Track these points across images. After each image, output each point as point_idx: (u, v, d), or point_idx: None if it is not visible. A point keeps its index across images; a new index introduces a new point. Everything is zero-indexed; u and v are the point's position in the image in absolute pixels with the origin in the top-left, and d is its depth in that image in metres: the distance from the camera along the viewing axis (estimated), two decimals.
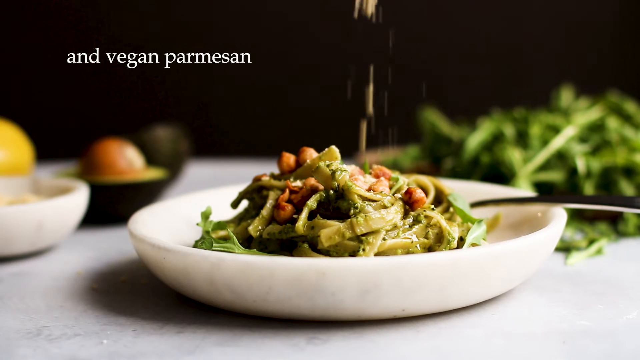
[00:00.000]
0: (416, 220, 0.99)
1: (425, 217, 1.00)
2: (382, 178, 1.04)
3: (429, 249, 0.99)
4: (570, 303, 1.00)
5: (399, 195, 1.01)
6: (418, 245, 0.98)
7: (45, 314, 1.01)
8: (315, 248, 0.98)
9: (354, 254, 0.96)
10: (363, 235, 0.96)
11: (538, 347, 0.88)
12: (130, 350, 0.89)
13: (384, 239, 0.97)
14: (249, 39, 2.78)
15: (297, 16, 2.78)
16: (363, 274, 0.89)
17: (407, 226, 0.99)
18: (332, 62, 2.72)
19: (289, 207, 1.01)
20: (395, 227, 0.98)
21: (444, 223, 0.99)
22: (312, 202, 0.99)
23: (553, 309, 0.99)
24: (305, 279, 0.89)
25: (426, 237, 0.99)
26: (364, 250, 0.95)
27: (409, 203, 1.00)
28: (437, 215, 1.00)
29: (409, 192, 1.00)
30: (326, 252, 0.97)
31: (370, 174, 1.07)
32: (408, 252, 0.97)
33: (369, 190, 1.00)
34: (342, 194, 0.99)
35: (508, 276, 0.96)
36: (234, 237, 0.99)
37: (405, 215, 1.00)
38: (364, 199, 0.98)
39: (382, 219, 0.97)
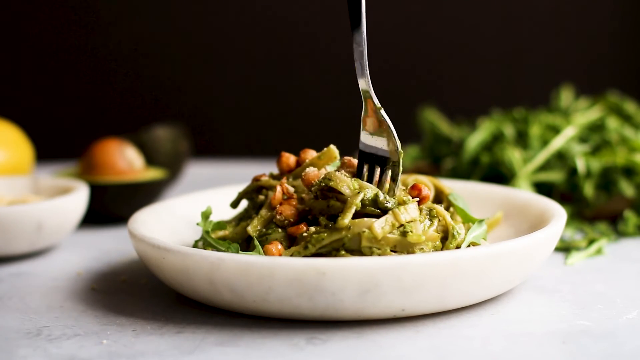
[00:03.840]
0: (430, 215, 1.00)
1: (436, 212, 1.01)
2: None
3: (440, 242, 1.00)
4: (570, 303, 1.00)
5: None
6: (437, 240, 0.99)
7: (45, 314, 1.01)
8: (349, 251, 0.97)
9: (395, 248, 0.96)
10: (400, 226, 0.97)
11: (538, 347, 0.88)
12: (130, 350, 0.89)
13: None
14: (248, 39, 2.78)
15: (297, 16, 2.78)
16: (363, 274, 0.89)
17: (428, 221, 0.99)
18: (332, 62, 2.72)
19: (292, 212, 1.01)
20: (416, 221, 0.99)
21: (448, 218, 1.00)
22: (357, 201, 0.98)
23: (553, 309, 0.99)
24: (305, 279, 0.89)
25: (436, 231, 1.00)
26: (411, 231, 0.96)
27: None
28: (443, 211, 1.01)
29: (417, 188, 1.01)
30: (369, 250, 0.96)
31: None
32: (434, 247, 0.98)
33: None
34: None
35: (508, 276, 0.96)
36: (259, 247, 0.98)
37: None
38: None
39: (416, 209, 0.98)
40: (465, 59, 2.78)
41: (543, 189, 1.37)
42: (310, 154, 1.08)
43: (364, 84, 1.02)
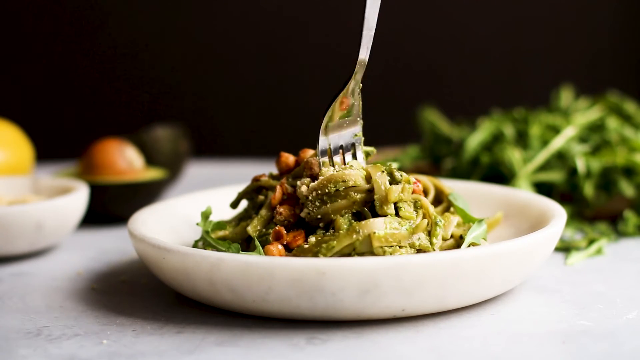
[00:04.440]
0: (415, 206, 1.01)
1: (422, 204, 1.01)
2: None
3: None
4: (570, 303, 1.00)
5: None
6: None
7: (45, 314, 1.01)
8: (360, 254, 0.97)
9: (400, 244, 0.96)
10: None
11: (538, 347, 0.88)
12: (130, 350, 0.89)
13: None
14: (248, 40, 2.78)
15: (297, 16, 2.78)
16: (363, 274, 0.89)
17: (414, 212, 1.00)
18: (332, 62, 2.72)
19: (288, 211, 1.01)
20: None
21: (431, 209, 1.01)
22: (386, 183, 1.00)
23: (553, 309, 0.99)
24: (305, 279, 0.89)
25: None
26: (403, 208, 0.98)
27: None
28: (426, 202, 1.01)
29: (416, 181, 1.03)
30: (381, 251, 0.96)
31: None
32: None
33: None
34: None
35: (508, 276, 0.96)
36: (259, 247, 0.98)
37: None
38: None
39: (410, 192, 1.00)
40: (466, 59, 2.78)
41: (543, 189, 1.37)
42: (310, 153, 1.08)
43: (362, 66, 1.04)
